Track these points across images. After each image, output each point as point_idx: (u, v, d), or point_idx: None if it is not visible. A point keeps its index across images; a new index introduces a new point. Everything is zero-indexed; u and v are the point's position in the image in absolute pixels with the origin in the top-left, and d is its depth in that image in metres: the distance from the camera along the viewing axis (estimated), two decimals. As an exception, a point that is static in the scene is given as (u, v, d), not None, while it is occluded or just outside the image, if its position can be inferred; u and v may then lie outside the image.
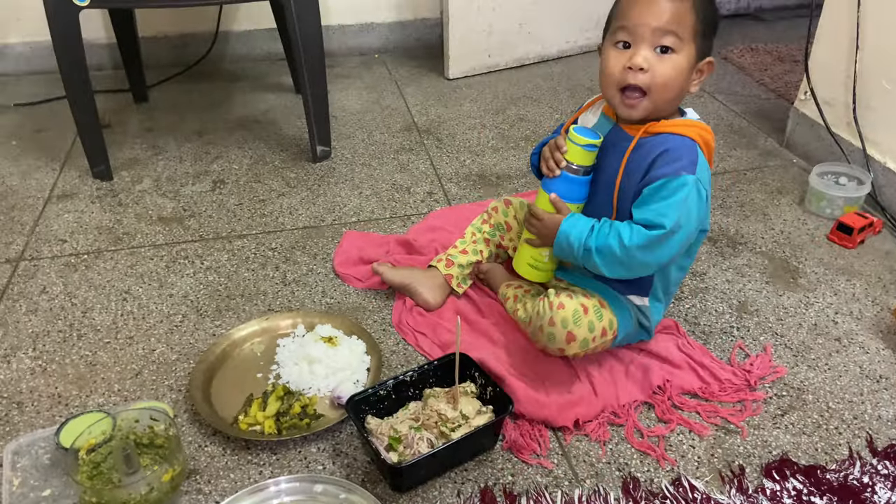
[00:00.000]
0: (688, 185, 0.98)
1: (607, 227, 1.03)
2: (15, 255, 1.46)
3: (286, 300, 1.34)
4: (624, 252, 1.00)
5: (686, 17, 0.98)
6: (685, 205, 0.99)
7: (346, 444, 1.04)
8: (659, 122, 1.04)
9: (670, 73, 1.00)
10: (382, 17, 2.54)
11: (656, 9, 0.98)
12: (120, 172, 1.76)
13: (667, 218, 0.98)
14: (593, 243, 1.02)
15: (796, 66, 2.36)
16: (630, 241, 0.99)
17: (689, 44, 1.00)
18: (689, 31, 0.99)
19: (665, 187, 0.99)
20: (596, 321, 1.07)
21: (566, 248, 1.05)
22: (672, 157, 1.00)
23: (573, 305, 1.06)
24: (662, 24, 0.98)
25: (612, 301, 1.11)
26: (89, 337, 1.24)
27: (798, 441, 1.05)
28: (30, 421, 1.08)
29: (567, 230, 1.05)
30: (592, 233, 1.03)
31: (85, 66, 1.59)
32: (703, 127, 1.04)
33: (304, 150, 1.88)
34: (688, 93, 1.04)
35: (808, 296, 1.35)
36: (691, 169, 0.99)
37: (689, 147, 1.01)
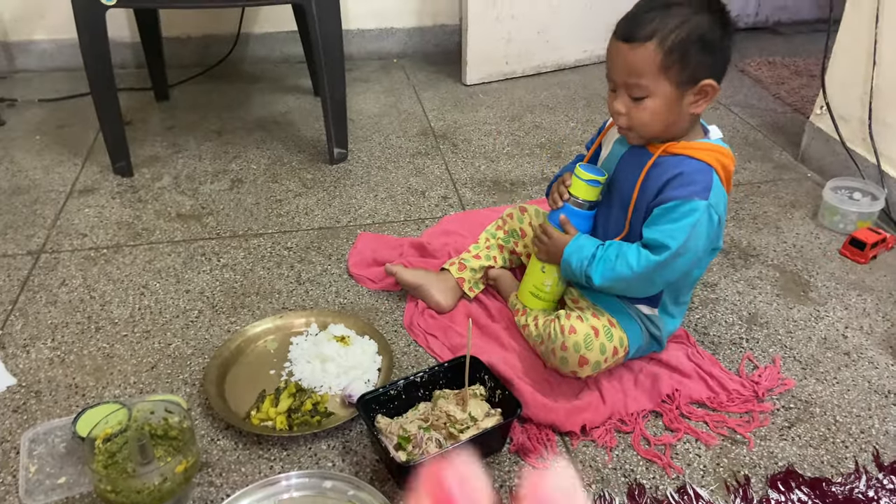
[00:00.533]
0: (698, 210, 0.99)
1: (613, 253, 1.05)
2: (36, 247, 1.49)
3: (300, 299, 1.36)
4: (632, 276, 1.03)
5: (647, 62, 0.98)
6: (694, 230, 1.00)
7: (356, 443, 1.06)
8: (679, 142, 1.04)
9: (646, 117, 1.02)
10: (402, 22, 2.57)
11: (618, 62, 1.01)
12: (140, 169, 1.79)
13: (674, 240, 1.00)
14: (595, 272, 1.06)
15: (813, 81, 2.37)
16: (638, 265, 1.02)
17: (661, 83, 0.99)
18: (654, 74, 0.98)
19: (676, 210, 1.01)
20: (607, 342, 1.09)
21: (569, 271, 1.11)
22: (686, 181, 1.01)
23: (584, 329, 1.08)
24: (626, 78, 1.01)
25: (621, 318, 1.12)
26: (107, 329, 1.26)
27: (804, 453, 1.06)
28: (47, 410, 1.10)
29: (568, 257, 1.10)
30: (594, 261, 1.06)
31: (110, 64, 1.63)
32: (722, 151, 1.04)
33: (321, 152, 1.91)
34: (692, 115, 1.04)
35: (819, 309, 1.35)
36: (704, 194, 1.00)
37: (704, 172, 1.02)
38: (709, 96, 1.02)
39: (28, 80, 2.30)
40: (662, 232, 1.01)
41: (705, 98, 1.02)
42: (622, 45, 1.00)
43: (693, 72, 0.99)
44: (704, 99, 1.02)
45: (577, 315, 1.11)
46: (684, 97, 1.01)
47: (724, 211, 1.04)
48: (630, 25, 1.00)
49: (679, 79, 0.99)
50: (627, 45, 0.99)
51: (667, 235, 1.01)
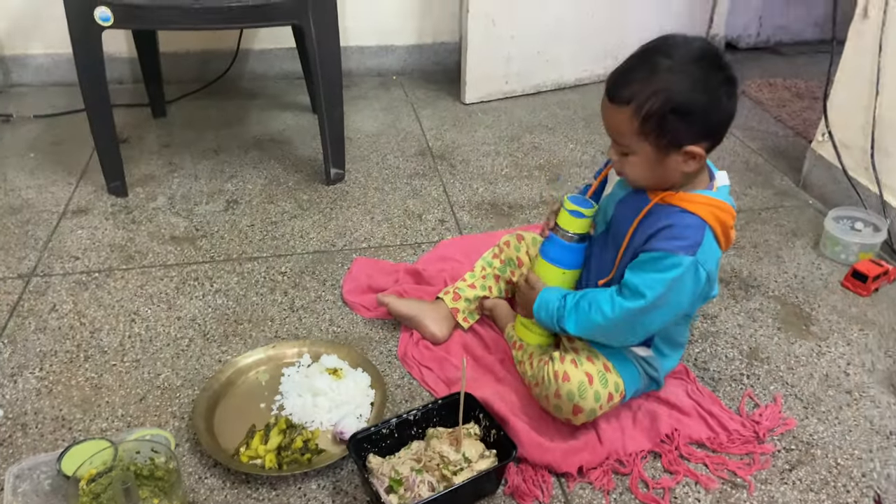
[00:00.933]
0: (682, 265, 0.97)
1: (587, 303, 1.04)
2: (27, 270, 1.47)
3: (293, 327, 1.34)
4: (607, 323, 1.02)
5: (626, 125, 0.97)
6: (675, 284, 0.98)
7: (347, 482, 1.04)
8: (677, 192, 1.01)
9: (631, 171, 1.02)
10: (402, 39, 2.56)
11: (605, 117, 1.02)
12: (135, 189, 1.77)
13: (651, 290, 0.98)
14: (569, 323, 1.06)
15: (815, 104, 2.35)
16: (612, 312, 1.01)
17: (640, 144, 0.98)
18: (634, 136, 0.97)
19: (660, 261, 0.98)
20: (601, 389, 1.06)
21: (545, 325, 1.11)
22: (675, 234, 0.98)
23: (578, 377, 1.06)
24: (611, 134, 1.02)
25: (617, 361, 1.09)
26: (96, 358, 1.24)
27: (805, 498, 1.04)
28: (33, 444, 1.08)
29: (537, 312, 1.10)
30: (565, 312, 1.06)
31: (105, 83, 1.61)
32: (720, 206, 1.00)
33: (317, 172, 1.89)
34: (685, 174, 1.00)
35: (821, 345, 1.33)
36: (691, 251, 0.97)
37: (696, 227, 0.98)
38: (696, 159, 0.98)
39: (23, 95, 2.29)
40: (643, 280, 0.99)
41: (693, 160, 0.98)
42: (607, 102, 1.00)
43: (673, 138, 0.96)
44: (693, 160, 0.98)
45: (572, 359, 1.08)
46: (668, 158, 0.98)
47: (714, 267, 1.00)
48: (613, 86, 0.99)
49: (658, 143, 0.97)
50: (610, 104, 0.99)
51: (645, 285, 0.99)
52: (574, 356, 1.09)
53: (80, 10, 1.51)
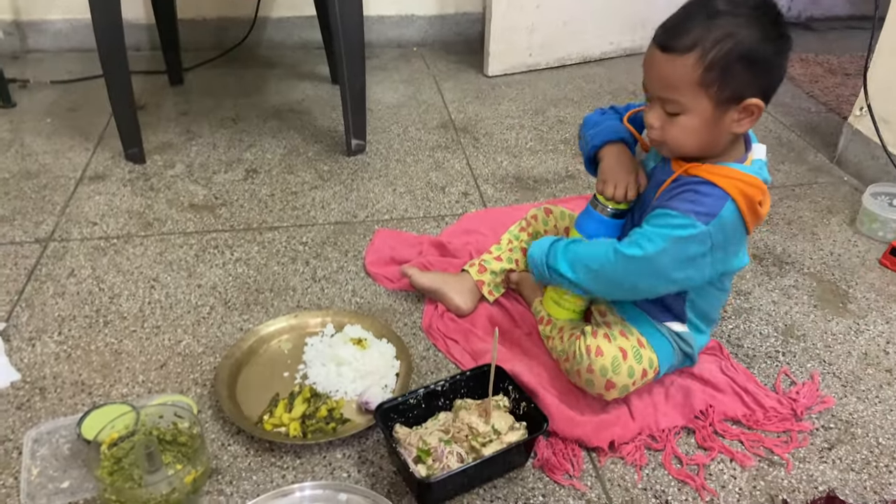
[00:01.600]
0: (691, 229, 0.92)
1: (584, 246, 1.01)
2: (45, 235, 1.44)
3: (315, 297, 1.31)
4: (598, 267, 0.98)
5: (685, 76, 0.90)
6: (676, 246, 0.92)
7: (373, 452, 1.01)
8: (702, 164, 0.96)
9: (679, 135, 0.95)
10: (423, 9, 2.50)
11: (654, 73, 0.94)
12: (153, 156, 1.74)
13: (651, 243, 0.93)
14: (560, 260, 1.01)
15: (848, 80, 2.29)
16: (605, 257, 0.97)
17: (698, 100, 0.91)
18: (692, 89, 0.90)
19: (670, 218, 0.93)
20: (635, 364, 1.03)
21: (534, 265, 1.07)
22: (693, 199, 0.93)
23: (612, 351, 1.02)
24: (661, 92, 0.93)
25: (651, 336, 1.05)
26: (115, 324, 1.22)
27: (846, 477, 1.00)
28: (51, 408, 1.06)
29: (530, 253, 1.07)
30: (558, 250, 1.02)
31: (124, 48, 1.57)
32: (746, 180, 0.94)
33: (338, 143, 1.85)
34: (734, 133, 0.95)
35: (859, 322, 1.29)
36: (705, 219, 0.92)
37: (716, 198, 0.93)
38: (754, 116, 0.92)
39: (40, 61, 2.26)
40: (645, 231, 0.95)
41: (750, 117, 0.93)
42: (659, 54, 0.92)
43: (736, 90, 0.90)
44: (749, 118, 0.93)
45: (605, 333, 1.04)
46: (725, 115, 0.92)
47: (725, 244, 0.94)
48: (669, 33, 0.91)
49: (719, 97, 0.90)
50: (665, 56, 0.91)
51: (647, 236, 0.94)
52: (607, 330, 1.06)
53: (98, -30, 1.47)
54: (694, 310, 1.07)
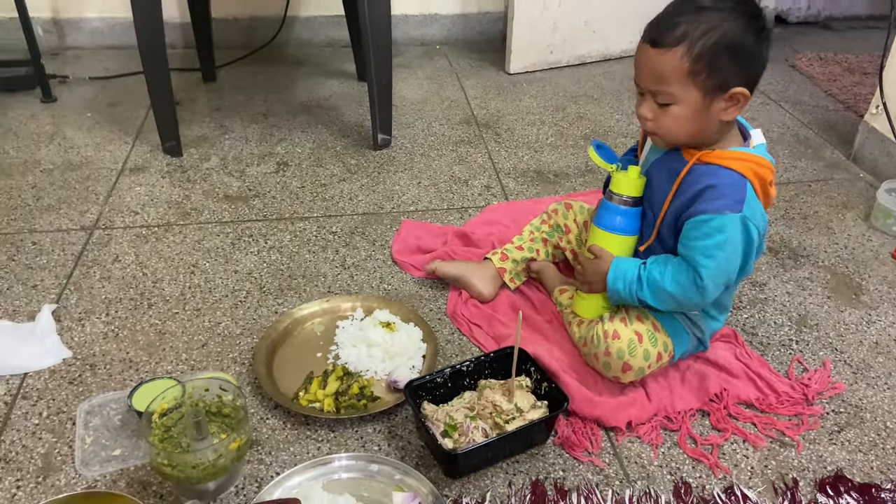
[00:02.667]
0: (731, 224, 0.97)
1: (657, 272, 1.04)
2: (90, 223, 1.52)
3: (345, 283, 1.37)
4: (679, 293, 1.02)
5: (674, 69, 0.95)
6: (727, 246, 0.98)
7: (401, 428, 1.07)
8: (713, 150, 1.01)
9: (671, 124, 1.00)
10: (446, 8, 2.56)
11: (645, 67, 0.99)
12: (189, 149, 1.82)
13: (709, 258, 0.98)
14: (646, 294, 1.05)
15: (866, 78, 2.31)
16: (682, 282, 1.01)
17: (689, 90, 0.96)
18: (682, 80, 0.96)
19: (707, 224, 0.98)
20: (651, 348, 1.08)
21: (619, 298, 1.09)
22: (717, 194, 0.98)
23: (628, 334, 1.08)
24: (652, 84, 0.99)
25: (666, 322, 1.11)
26: (159, 306, 1.29)
27: (854, 458, 1.04)
28: (102, 383, 1.13)
29: (613, 283, 1.08)
30: (641, 283, 1.05)
31: (164, 45, 1.65)
32: (758, 161, 1.00)
33: (364, 137, 1.91)
34: (722, 122, 1.00)
35: (871, 313, 1.33)
36: (737, 207, 0.97)
37: (736, 184, 0.99)
38: (740, 104, 0.98)
39: (78, 58, 2.34)
40: (695, 249, 1.00)
41: (736, 105, 0.98)
42: (649, 49, 0.98)
43: (723, 79, 0.96)
44: (735, 106, 0.98)
45: (621, 317, 1.10)
46: (713, 104, 0.98)
47: (762, 221, 1.01)
48: (658, 29, 0.97)
49: (707, 86, 0.96)
50: (655, 50, 0.97)
51: (701, 253, 0.99)
52: (624, 315, 1.11)
53: (141, -29, 1.55)
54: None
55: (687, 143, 1.03)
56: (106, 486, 0.97)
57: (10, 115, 1.95)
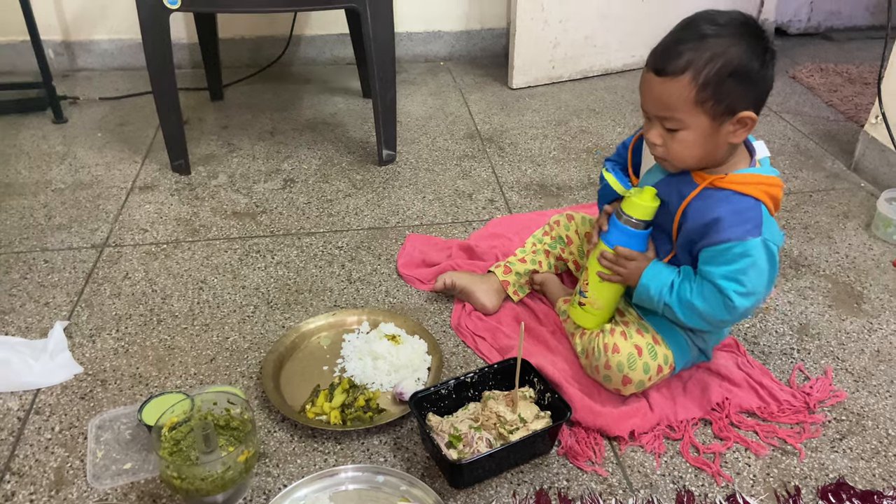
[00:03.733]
0: (755, 248, 0.98)
1: (688, 287, 1.03)
2: (100, 241, 1.55)
3: (351, 297, 1.39)
4: (704, 312, 1.02)
5: (681, 96, 0.95)
6: (755, 269, 0.98)
7: (407, 439, 1.09)
8: (726, 175, 1.02)
9: (680, 149, 1.00)
10: (449, 25, 2.60)
11: (652, 95, 0.99)
12: (197, 167, 1.85)
13: (737, 283, 0.99)
14: (673, 301, 1.05)
15: (867, 89, 2.33)
16: (711, 304, 1.01)
17: (697, 116, 0.97)
18: (689, 107, 0.96)
19: (730, 251, 0.99)
20: (650, 361, 1.10)
21: (646, 296, 1.08)
22: (737, 221, 0.99)
23: (627, 348, 1.09)
24: (659, 112, 0.99)
25: (667, 334, 1.12)
26: (168, 322, 1.31)
27: (856, 466, 1.05)
28: (112, 398, 1.15)
29: (648, 282, 1.07)
30: (673, 290, 1.05)
31: (172, 65, 1.68)
32: (770, 182, 1.01)
33: (369, 153, 1.94)
34: (731, 144, 1.01)
35: (872, 322, 1.34)
36: (757, 231, 0.98)
37: (753, 208, 0.99)
38: (748, 126, 0.99)
39: (89, 79, 2.39)
40: (721, 276, 0.99)
41: (744, 128, 0.99)
42: (655, 77, 0.97)
43: (730, 104, 0.96)
44: (743, 129, 0.99)
45: (622, 331, 1.12)
46: (721, 128, 0.98)
47: (780, 240, 1.01)
48: (662, 58, 0.96)
49: (715, 112, 0.96)
50: (660, 79, 0.97)
51: (728, 279, 0.99)
52: (624, 328, 1.13)
53: (150, -5, 1.58)
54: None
55: (697, 167, 1.04)
56: (117, 499, 0.99)
57: (22, 136, 1.99)
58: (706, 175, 1.03)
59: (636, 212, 1.08)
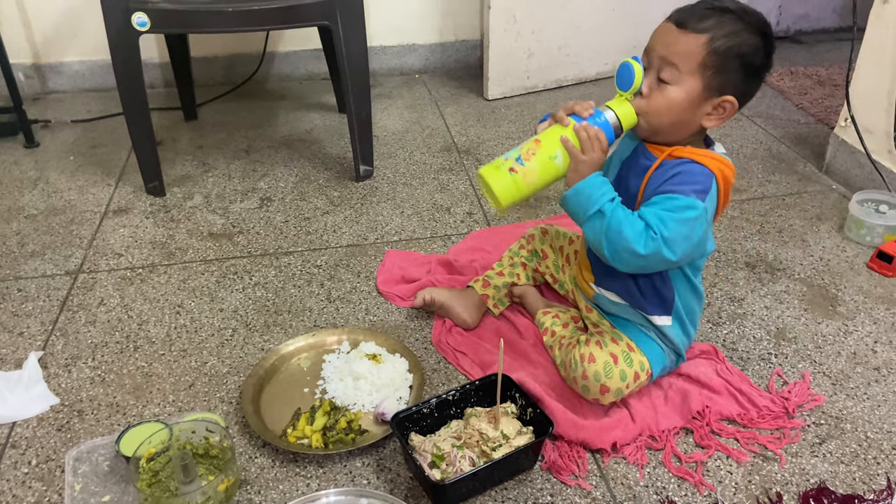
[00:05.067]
0: (696, 209, 0.99)
1: (623, 214, 1.00)
2: (74, 267, 1.53)
3: (331, 317, 1.38)
4: (626, 242, 0.98)
5: (691, 52, 0.99)
6: (687, 225, 0.99)
7: (390, 460, 1.08)
8: (684, 147, 1.05)
9: (662, 104, 1.02)
10: (423, 38, 2.60)
11: (663, 39, 1.02)
12: (172, 189, 1.84)
13: (667, 229, 0.97)
14: (609, 211, 1.00)
15: (836, 91, 2.36)
16: (636, 236, 0.98)
17: (692, 77, 0.99)
18: (691, 65, 0.99)
19: (675, 200, 0.99)
20: (627, 368, 1.10)
21: (580, 198, 1.02)
22: (688, 179, 1.01)
23: (603, 357, 1.10)
24: (664, 54, 1.01)
25: (640, 340, 1.13)
26: (145, 349, 1.30)
27: (836, 470, 1.06)
28: (89, 428, 1.14)
29: (581, 187, 1.01)
30: (613, 203, 1.00)
31: (143, 86, 1.67)
32: (725, 162, 1.04)
33: (346, 169, 1.94)
34: (701, 127, 1.04)
35: (847, 324, 1.35)
36: (703, 196, 1.00)
37: (705, 175, 1.02)
38: (725, 113, 1.02)
39: (60, 101, 2.36)
40: (658, 216, 0.99)
41: (720, 114, 1.03)
42: (674, 27, 1.01)
43: (724, 82, 1.00)
44: (719, 115, 1.03)
45: (597, 341, 1.12)
46: (704, 103, 1.02)
47: (712, 219, 1.04)
48: (688, 14, 1.01)
49: (710, 82, 1.00)
50: (679, 30, 1.00)
51: (661, 221, 0.98)
52: (599, 338, 1.14)
53: (118, 16, 1.57)
54: (678, 308, 1.13)
55: (665, 134, 1.05)
56: (96, 533, 0.97)
57: (-7, 162, 1.97)
58: (664, 148, 1.05)
59: (623, 111, 1.03)
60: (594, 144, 1.02)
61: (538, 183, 1.06)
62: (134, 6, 1.55)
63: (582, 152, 1.02)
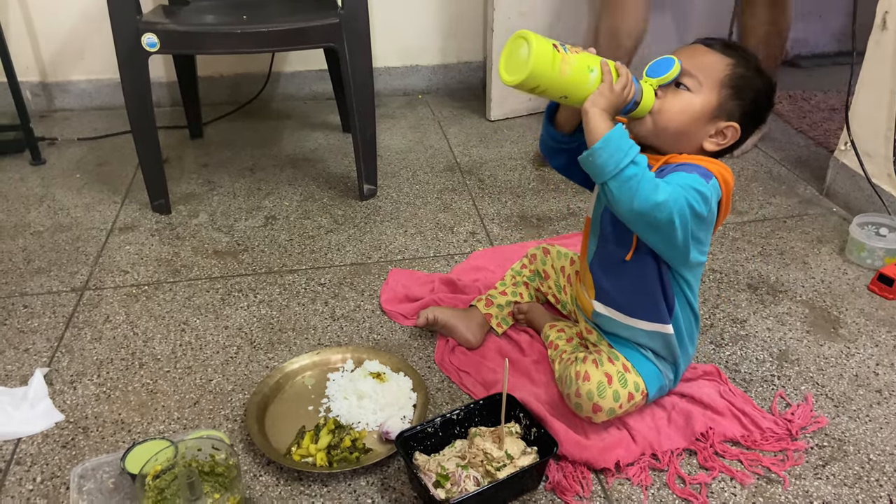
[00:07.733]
0: (704, 186, 0.98)
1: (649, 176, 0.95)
2: (80, 284, 1.54)
3: (335, 335, 1.39)
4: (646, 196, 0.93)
5: (716, 67, 1.04)
6: (692, 193, 0.96)
7: (394, 479, 1.08)
8: (681, 154, 1.06)
9: (674, 109, 1.04)
10: (427, 60, 2.63)
11: (690, 51, 1.08)
12: (177, 206, 1.85)
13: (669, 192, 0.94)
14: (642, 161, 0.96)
15: (835, 114, 2.39)
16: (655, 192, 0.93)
17: (710, 91, 1.04)
18: (713, 80, 1.04)
19: (683, 176, 0.98)
20: (621, 389, 1.11)
21: (611, 147, 0.95)
22: (690, 168, 1.01)
23: (597, 376, 1.11)
24: (688, 66, 1.05)
25: (636, 361, 1.14)
26: (150, 366, 1.30)
27: (839, 492, 1.06)
28: (94, 446, 1.14)
29: (609, 137, 0.95)
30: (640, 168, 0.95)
31: (151, 105, 1.69)
32: (725, 167, 1.05)
33: (350, 188, 1.95)
34: (701, 148, 1.06)
35: (849, 346, 1.36)
36: (709, 178, 1.00)
37: (706, 172, 1.02)
38: (725, 140, 1.06)
39: (67, 119, 2.39)
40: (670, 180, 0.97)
41: (721, 140, 1.06)
42: (701, 45, 1.07)
43: (735, 108, 1.05)
44: (719, 141, 1.06)
45: (594, 359, 1.13)
46: (711, 123, 1.05)
47: (715, 207, 1.02)
48: (714, 41, 1.08)
49: (724, 103, 1.04)
50: (707, 49, 1.06)
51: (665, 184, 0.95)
52: (596, 357, 1.14)
53: (128, 37, 1.59)
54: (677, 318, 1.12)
55: (662, 141, 1.07)
56: (100, 550, 0.97)
57: (0, 180, 1.98)
58: (660, 157, 1.06)
59: (647, 91, 1.03)
60: (626, 86, 1.00)
61: (568, 75, 0.98)
62: (144, 27, 1.57)
63: (618, 82, 1.00)
